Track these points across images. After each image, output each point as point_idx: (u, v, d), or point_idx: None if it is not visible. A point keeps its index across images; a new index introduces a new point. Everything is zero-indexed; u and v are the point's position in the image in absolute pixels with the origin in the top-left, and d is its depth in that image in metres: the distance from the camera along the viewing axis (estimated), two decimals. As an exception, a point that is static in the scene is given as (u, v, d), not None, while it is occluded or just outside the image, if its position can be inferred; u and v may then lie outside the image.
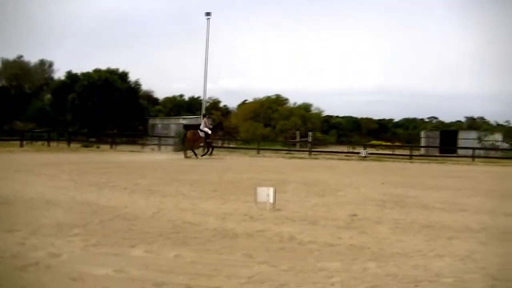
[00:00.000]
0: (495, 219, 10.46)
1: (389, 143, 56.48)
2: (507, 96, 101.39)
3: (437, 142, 51.57)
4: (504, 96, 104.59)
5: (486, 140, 48.97)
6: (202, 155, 30.95)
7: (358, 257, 6.95)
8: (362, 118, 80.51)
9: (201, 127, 31.60)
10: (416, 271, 6.33)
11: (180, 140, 31.57)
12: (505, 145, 50.02)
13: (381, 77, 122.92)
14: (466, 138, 49.06)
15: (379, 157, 37.97)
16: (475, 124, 61.65)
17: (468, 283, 5.83)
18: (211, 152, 31.71)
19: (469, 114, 71.28)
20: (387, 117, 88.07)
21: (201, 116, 38.26)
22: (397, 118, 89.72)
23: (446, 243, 8.08)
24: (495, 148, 46.56)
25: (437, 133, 54.85)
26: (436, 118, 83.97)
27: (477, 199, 13.80)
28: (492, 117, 70.18)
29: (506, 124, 67.14)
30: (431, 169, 27.77)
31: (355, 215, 10.63)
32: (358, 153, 38.15)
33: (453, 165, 32.58)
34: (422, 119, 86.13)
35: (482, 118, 66.54)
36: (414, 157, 38.75)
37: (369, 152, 39.00)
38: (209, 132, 31.50)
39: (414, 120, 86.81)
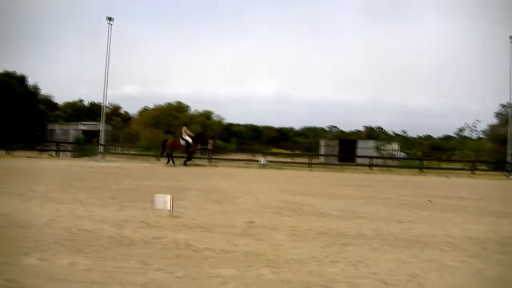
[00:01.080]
0: (388, 226, 11.17)
1: (289, 151, 58.00)
2: (404, 108, 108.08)
3: (336, 150, 53.70)
4: (401, 108, 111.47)
5: (384, 149, 51.72)
6: (184, 162, 32.73)
7: (254, 264, 7.19)
8: (262, 126, 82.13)
9: (183, 135, 33.11)
10: (310, 277, 6.65)
11: (161, 146, 33.46)
12: (402, 154, 53.14)
13: (283, 86, 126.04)
14: (365, 147, 51.49)
15: (278, 165, 38.95)
16: (373, 133, 64.86)
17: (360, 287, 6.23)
18: (189, 160, 33.53)
19: (368, 124, 75.02)
20: (287, 126, 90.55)
21: (182, 124, 38.48)
22: (297, 126, 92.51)
23: (341, 249, 8.55)
24: (392, 157, 49.31)
25: (336, 142, 57.14)
26: (336, 127, 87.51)
27: (373, 207, 14.58)
28: (390, 127, 74.37)
29: (403, 134, 71.33)
30: (329, 177, 28.88)
31: (252, 222, 10.93)
32: (258, 161, 38.88)
33: (351, 173, 34.11)
34: (322, 128, 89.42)
35: (380, 128, 70.21)
36: (313, 165, 40.18)
37: (269, 160, 39.94)
38: (190, 141, 32.93)
39: (314, 129, 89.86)
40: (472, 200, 17.85)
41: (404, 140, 63.43)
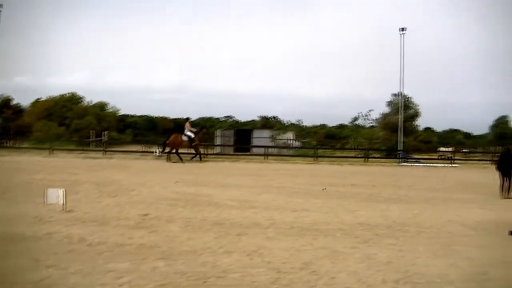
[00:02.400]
0: (283, 215, 11.45)
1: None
2: (299, 97, 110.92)
3: (232, 140, 54.04)
4: (296, 97, 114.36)
5: (279, 139, 52.80)
6: (192, 158, 32.32)
7: (148, 257, 7.19)
8: (158, 117, 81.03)
9: (185, 131, 32.57)
10: (204, 268, 6.72)
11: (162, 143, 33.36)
12: (297, 143, 54.57)
13: (178, 76, 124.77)
14: (260, 137, 52.24)
15: (174, 156, 38.66)
16: (268, 123, 65.87)
17: (255, 277, 6.36)
18: (200, 157, 32.98)
19: (263, 114, 76.12)
20: (183, 116, 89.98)
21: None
22: (193, 117, 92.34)
23: (235, 239, 8.69)
24: (287, 146, 50.46)
25: (232, 132, 57.49)
26: (231, 117, 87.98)
27: (268, 196, 14.92)
28: (285, 117, 76.01)
29: (298, 123, 73.18)
30: (224, 167, 29.07)
31: (147, 214, 10.91)
32: (153, 152, 38.38)
33: (247, 163, 34.51)
34: (218, 118, 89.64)
35: (275, 117, 71.49)
36: (209, 155, 40.22)
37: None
38: (192, 136, 32.39)
39: (210, 119, 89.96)
40: (365, 187, 18.77)
41: (299, 129, 65.14)
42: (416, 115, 55.82)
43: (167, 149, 32.68)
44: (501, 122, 65.39)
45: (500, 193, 16.65)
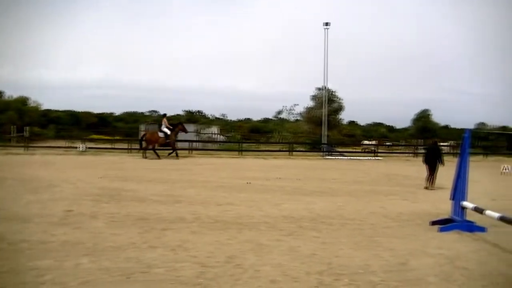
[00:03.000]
0: (207, 209, 11.42)
1: (109, 137, 56.40)
2: (224, 91, 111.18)
3: (156, 135, 53.43)
4: (221, 91, 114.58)
5: (204, 133, 52.64)
6: (169, 154, 32.56)
7: (71, 253, 7.01)
8: (81, 112, 79.01)
9: (162, 127, 32.80)
10: (128, 263, 6.61)
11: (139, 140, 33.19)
12: (221, 138, 54.60)
13: (103, 71, 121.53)
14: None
15: (98, 151, 37.81)
16: (193, 117, 65.59)
17: (179, 271, 6.30)
18: (176, 153, 32.99)
19: (188, 108, 75.72)
20: (107, 111, 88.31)
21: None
22: (117, 112, 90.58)
23: (160, 234, 8.59)
24: (212, 141, 50.40)
25: (156, 127, 56.79)
26: (156, 111, 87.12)
27: (192, 191, 14.84)
28: (210, 111, 76.12)
29: (222, 117, 73.33)
30: (149, 162, 28.65)
31: (70, 210, 10.63)
32: (77, 147, 37.39)
33: (171, 158, 34.21)
34: (142, 113, 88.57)
35: (200, 112, 71.35)
36: (133, 150, 39.55)
37: (88, 146, 38.58)
38: (169, 132, 32.48)
39: (134, 113, 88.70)
40: (289, 180, 18.98)
41: (224, 124, 65.21)
42: (340, 109, 57.04)
43: (144, 146, 32.44)
44: (422, 116, 68.03)
45: (426, 184, 17.36)
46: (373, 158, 39.82)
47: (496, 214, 8.44)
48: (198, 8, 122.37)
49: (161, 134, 32.40)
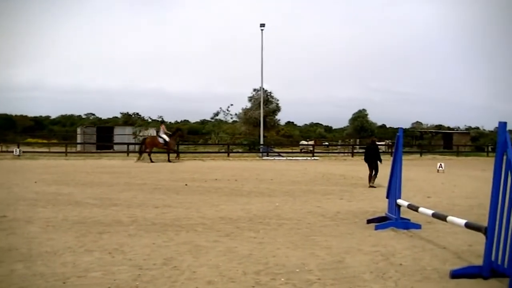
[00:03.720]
0: (145, 212, 11.31)
1: (45, 141, 54.74)
2: (161, 93, 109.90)
3: (94, 138, 52.31)
4: (158, 93, 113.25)
5: (141, 135, 51.88)
6: (176, 157, 34.07)
7: (5, 260, 6.79)
8: (16, 116, 76.37)
9: (160, 133, 33.95)
10: (64, 268, 6.47)
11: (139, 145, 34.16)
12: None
13: (37, 73, 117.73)
14: (122, 134, 51.04)
15: (34, 155, 36.82)
16: (130, 119, 64.48)
17: (116, 275, 6.22)
18: (177, 156, 34.49)
19: (125, 110, 74.40)
20: (43, 114, 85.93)
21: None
22: (54, 115, 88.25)
23: (97, 237, 8.45)
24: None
25: (94, 129, 55.66)
26: (93, 114, 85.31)
27: (130, 193, 14.65)
28: (147, 113, 75.04)
29: (160, 119, 72.39)
30: (86, 165, 28.03)
31: (4, 216, 10.32)
32: (12, 151, 36.16)
33: (109, 160, 33.55)
34: (79, 116, 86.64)
35: (137, 114, 70.16)
36: (70, 154, 38.60)
37: (24, 150, 37.40)
38: (167, 139, 33.41)
39: (71, 116, 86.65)
40: (227, 181, 19.01)
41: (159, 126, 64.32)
42: (277, 109, 57.52)
43: (142, 149, 33.38)
44: (359, 116, 69.32)
45: (368, 182, 17.79)
46: (311, 158, 40.25)
47: (430, 211, 8.64)
48: (131, 11, 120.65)
49: (161, 140, 33.33)
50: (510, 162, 6.02)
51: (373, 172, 17.73)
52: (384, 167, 16.47)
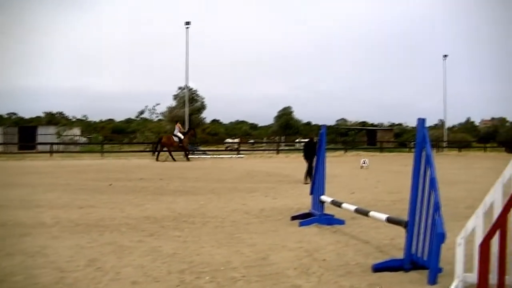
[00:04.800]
0: (68, 213, 11.00)
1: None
2: (85, 92, 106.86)
3: (15, 138, 50.28)
4: (82, 92, 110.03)
5: (65, 135, 50.28)
6: (186, 156, 34.42)
7: None
8: None
9: (175, 132, 33.92)
10: (-20, 274, 6.19)
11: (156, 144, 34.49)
12: (83, 139, 52.54)
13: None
14: (45, 134, 49.33)
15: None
16: (54, 119, 62.34)
17: (37, 278, 6.02)
18: (187, 156, 34.59)
19: (49, 110, 71.72)
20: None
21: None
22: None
23: (18, 240, 8.14)
24: (74, 143, 48.34)
25: (16, 130, 53.51)
26: (15, 114, 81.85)
27: (53, 194, 14.20)
28: (71, 112, 72.65)
29: (84, 118, 70.32)
30: (7, 167, 26.90)
31: None
32: None
33: (31, 161, 32.37)
34: (1, 116, 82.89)
35: (61, 113, 67.92)
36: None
37: None
38: (182, 137, 33.55)
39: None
40: (152, 180, 18.80)
41: (85, 125, 62.70)
42: (202, 107, 57.30)
43: (159, 148, 33.44)
44: (284, 113, 70.09)
45: (304, 179, 17.93)
46: (236, 156, 40.39)
47: (353, 207, 8.77)
48: (57, 6, 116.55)
49: (176, 139, 33.15)
50: (429, 157, 6.20)
51: (312, 170, 17.94)
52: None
